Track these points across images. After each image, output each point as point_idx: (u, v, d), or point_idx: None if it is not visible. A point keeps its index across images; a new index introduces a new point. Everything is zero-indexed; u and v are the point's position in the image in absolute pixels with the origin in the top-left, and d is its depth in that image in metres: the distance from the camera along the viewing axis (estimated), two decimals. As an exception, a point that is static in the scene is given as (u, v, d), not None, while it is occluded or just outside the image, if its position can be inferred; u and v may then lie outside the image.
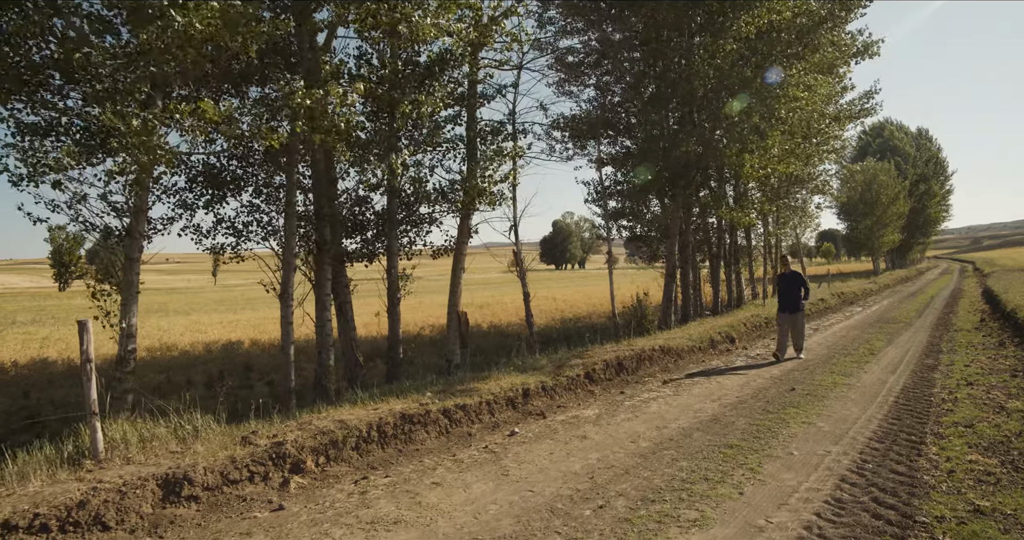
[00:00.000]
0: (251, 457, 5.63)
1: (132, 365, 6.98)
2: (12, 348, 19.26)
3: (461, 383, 8.71)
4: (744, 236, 23.46)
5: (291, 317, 8.40)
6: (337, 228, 9.51)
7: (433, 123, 10.06)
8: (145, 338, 18.53)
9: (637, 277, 34.29)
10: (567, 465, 6.07)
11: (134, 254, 6.96)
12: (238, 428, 6.54)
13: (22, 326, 28.13)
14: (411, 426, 6.91)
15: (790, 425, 7.13)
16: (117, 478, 5.06)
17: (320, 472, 5.92)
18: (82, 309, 40.39)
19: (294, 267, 8.49)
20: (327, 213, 9.18)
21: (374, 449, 6.47)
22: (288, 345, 8.37)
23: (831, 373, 10.18)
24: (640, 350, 11.13)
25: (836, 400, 8.31)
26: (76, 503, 4.61)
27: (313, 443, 6.05)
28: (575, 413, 8.17)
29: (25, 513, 4.42)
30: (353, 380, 9.42)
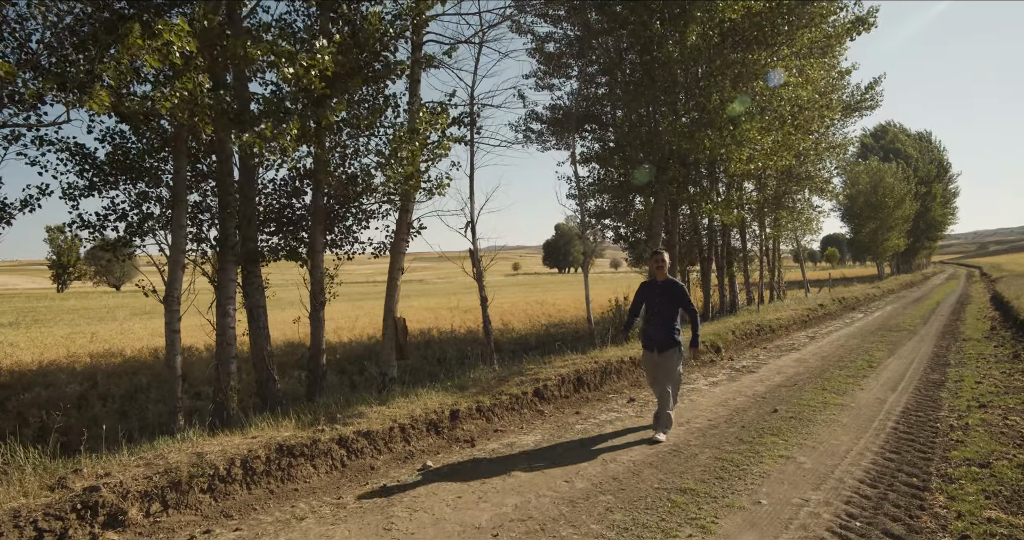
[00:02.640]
0: (46, 509, 4.31)
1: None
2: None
3: (382, 402, 7.39)
4: (739, 238, 22.10)
5: (177, 324, 7.10)
6: (250, 223, 8.21)
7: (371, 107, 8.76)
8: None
9: (625, 281, 32.92)
10: (472, 515, 4.75)
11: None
12: (66, 464, 5.23)
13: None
14: (292, 459, 5.58)
15: (764, 460, 5.78)
16: None
17: (150, 524, 4.60)
18: (74, 310, 39.29)
19: (183, 266, 7.19)
20: (232, 204, 7.88)
21: (236, 491, 5.15)
22: (173, 357, 7.06)
23: (822, 390, 8.82)
24: (606, 362, 9.78)
25: (824, 425, 6.96)
26: None
27: (143, 487, 4.73)
28: (511, 440, 6.84)
29: None
30: (266, 397, 8.10)
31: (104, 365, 13.59)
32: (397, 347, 9.13)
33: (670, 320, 6.83)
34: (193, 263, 7.79)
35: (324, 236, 8.88)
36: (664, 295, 6.88)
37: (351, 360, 13.26)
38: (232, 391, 7.47)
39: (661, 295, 6.89)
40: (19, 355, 15.90)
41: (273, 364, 8.26)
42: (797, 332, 16.49)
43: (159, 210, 7.97)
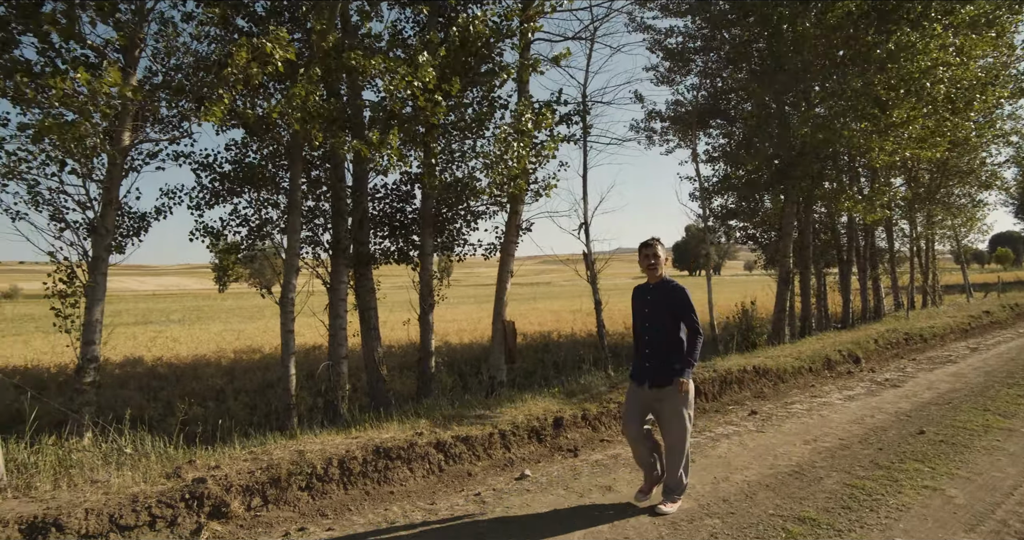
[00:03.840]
0: (159, 497, 4.57)
1: (93, 376, 6.24)
2: (130, 347, 20.03)
3: (486, 407, 7.31)
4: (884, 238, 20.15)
5: (291, 325, 7.41)
6: (361, 226, 8.45)
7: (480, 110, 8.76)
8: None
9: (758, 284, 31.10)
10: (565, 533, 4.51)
11: (100, 252, 6.26)
12: (186, 453, 5.56)
13: (161, 325, 29.76)
14: (388, 462, 5.60)
15: (904, 490, 5.07)
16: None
17: (250, 518, 4.76)
18: (229, 309, 43.19)
19: (297, 269, 7.51)
20: (345, 208, 8.15)
21: (333, 490, 5.23)
22: (287, 356, 7.38)
23: (983, 411, 7.71)
24: (726, 371, 9.15)
25: (984, 453, 6.04)
26: (-102, 553, 3.72)
27: (246, 481, 4.90)
28: (617, 451, 6.51)
29: None
30: (376, 397, 8.29)
31: (244, 361, 14.65)
32: (506, 351, 9.04)
33: (668, 340, 4.71)
34: (308, 266, 8.12)
35: (433, 239, 8.98)
36: (656, 303, 4.76)
37: (468, 362, 13.39)
38: (342, 391, 7.69)
39: (653, 304, 4.79)
40: (178, 349, 17.54)
41: (383, 365, 8.44)
42: (955, 342, 14.70)
43: (276, 215, 8.41)
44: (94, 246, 6.28)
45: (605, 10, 11.48)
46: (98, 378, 6.32)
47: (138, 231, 6.87)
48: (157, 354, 16.51)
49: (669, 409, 4.76)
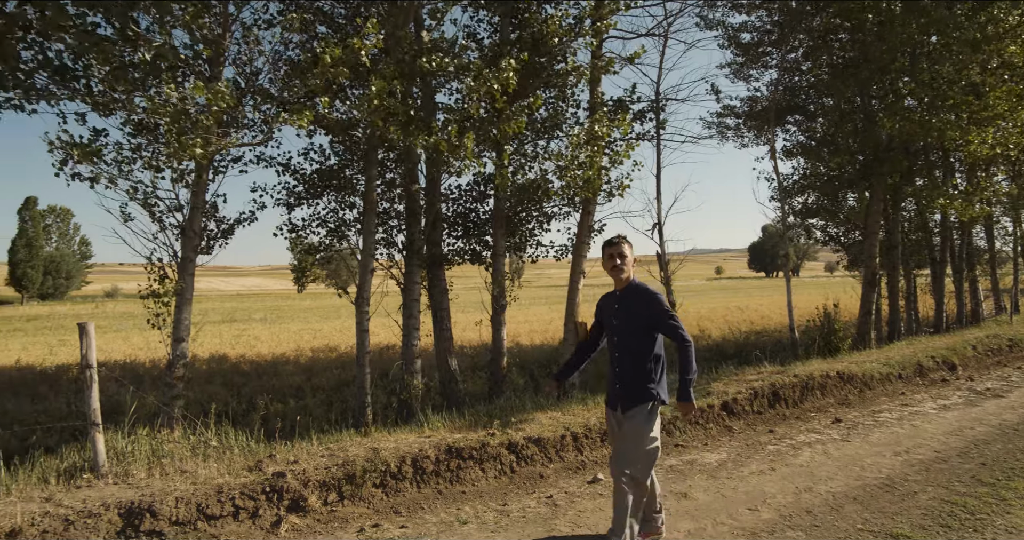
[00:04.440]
0: (242, 489, 4.74)
1: (182, 371, 6.56)
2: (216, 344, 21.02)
3: (558, 408, 7.25)
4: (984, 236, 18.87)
5: (366, 324, 7.57)
6: (434, 227, 8.57)
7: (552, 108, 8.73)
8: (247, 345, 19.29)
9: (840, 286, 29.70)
10: (637, 537, 4.39)
11: (188, 253, 6.58)
12: (266, 448, 5.75)
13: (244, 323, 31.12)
14: (461, 462, 5.63)
15: (1013, 510, 4.70)
16: (80, 502, 4.43)
17: (326, 512, 4.87)
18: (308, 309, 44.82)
19: (372, 269, 7.67)
20: (419, 210, 8.28)
21: (406, 488, 5.29)
22: (363, 355, 7.55)
23: (1099, 422, 7.10)
24: (807, 376, 8.76)
25: (1102, 470, 5.54)
26: (6, 533, 3.99)
27: (323, 476, 5.02)
28: (692, 457, 6.32)
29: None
30: (448, 397, 8.37)
31: (322, 359, 15.11)
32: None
33: (636, 356, 3.96)
34: (383, 267, 8.29)
35: (505, 240, 8.99)
36: (626, 314, 4.00)
37: (539, 363, 13.36)
38: (415, 390, 7.80)
39: (621, 314, 4.02)
40: (260, 347, 18.28)
41: (455, 365, 8.52)
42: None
43: (353, 217, 8.63)
44: (183, 247, 6.61)
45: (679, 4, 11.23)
46: (187, 374, 6.64)
47: (225, 233, 7.19)
48: (240, 351, 17.25)
49: (632, 433, 3.92)
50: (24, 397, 11.36)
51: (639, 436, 3.92)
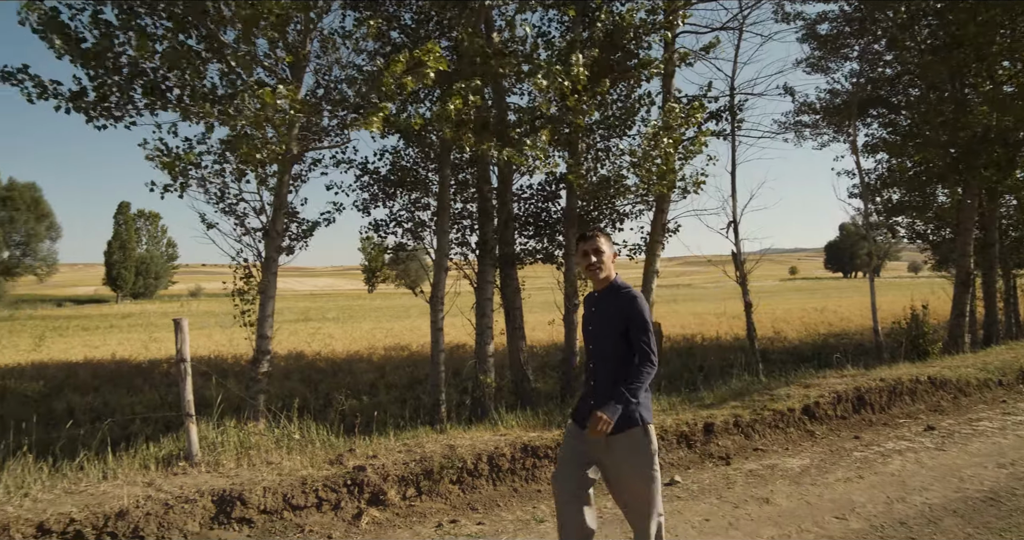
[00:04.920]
0: (325, 481, 4.88)
1: (266, 367, 6.81)
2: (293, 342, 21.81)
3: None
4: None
5: (441, 323, 7.68)
6: (507, 227, 8.61)
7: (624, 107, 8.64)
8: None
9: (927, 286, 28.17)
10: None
11: (271, 253, 6.83)
12: (346, 442, 5.91)
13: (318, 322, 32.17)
14: (536, 460, 5.63)
15: None
16: (177, 488, 4.66)
17: (405, 507, 4.96)
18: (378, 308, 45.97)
19: (446, 268, 7.78)
20: (492, 209, 8.34)
21: (482, 485, 5.33)
22: (437, 353, 7.66)
23: None
24: (895, 381, 8.34)
25: None
26: (116, 513, 4.24)
27: (402, 471, 5.12)
28: (773, 461, 6.12)
29: (61, 518, 4.15)
30: (521, 395, 8.40)
31: (394, 357, 15.43)
32: (651, 352, 8.80)
33: (619, 369, 3.31)
34: (456, 266, 8.39)
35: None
36: (603, 318, 3.41)
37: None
38: (488, 388, 7.86)
39: (598, 319, 3.43)
40: (334, 345, 18.83)
41: (528, 364, 8.53)
42: None
43: (428, 217, 8.78)
44: (266, 248, 6.88)
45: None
46: (271, 369, 6.91)
47: (305, 234, 7.45)
48: (316, 349, 17.82)
49: (626, 468, 3.29)
50: (122, 389, 12.07)
51: (638, 473, 3.25)
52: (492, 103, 8.10)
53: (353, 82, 6.65)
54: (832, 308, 28.40)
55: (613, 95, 8.57)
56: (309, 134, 6.77)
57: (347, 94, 6.79)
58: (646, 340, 3.24)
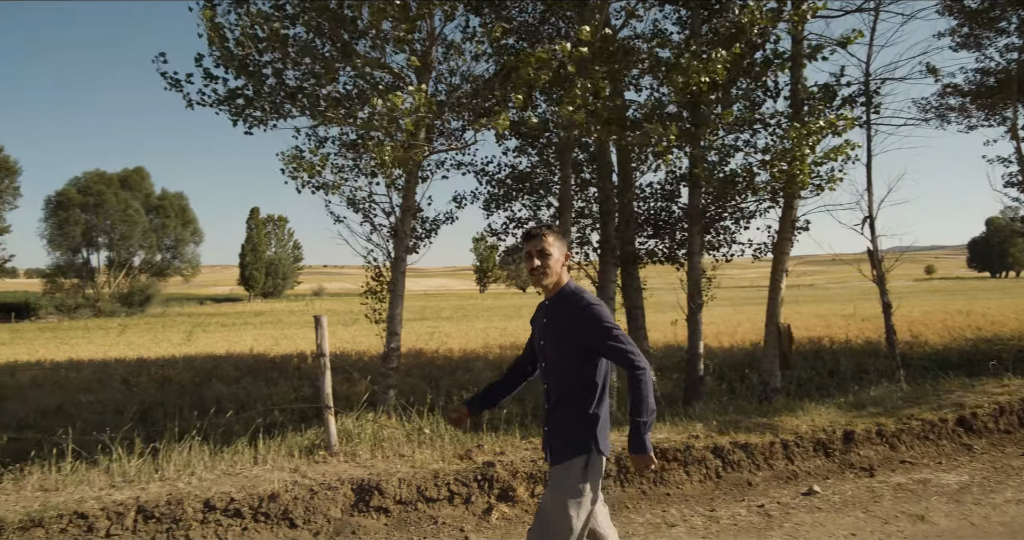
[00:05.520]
0: (456, 475, 5.00)
1: (395, 362, 7.07)
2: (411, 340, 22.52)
3: (762, 414, 6.86)
4: None
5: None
6: (628, 226, 8.49)
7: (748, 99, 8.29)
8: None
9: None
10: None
11: (400, 253, 7.09)
12: (473, 439, 6.03)
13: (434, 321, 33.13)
14: (664, 463, 5.50)
15: None
16: (320, 476, 4.93)
17: (534, 504, 4.98)
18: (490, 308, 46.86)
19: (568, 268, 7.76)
20: (613, 209, 8.25)
21: (609, 486, 5.28)
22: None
23: None
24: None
25: None
26: (268, 495, 4.54)
27: (529, 469, 5.16)
28: (924, 476, 5.66)
29: (223, 496, 4.50)
30: (642, 397, 8.24)
31: (509, 356, 15.62)
32: (780, 355, 8.42)
33: (567, 387, 2.91)
34: (577, 265, 8.36)
35: (701, 238, 8.68)
36: (552, 330, 2.96)
37: (731, 366, 12.76)
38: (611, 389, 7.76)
39: (548, 331, 2.98)
40: (451, 343, 19.33)
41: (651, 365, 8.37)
42: None
43: (548, 217, 8.80)
44: (395, 248, 7.17)
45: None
46: (399, 364, 7.18)
47: (429, 233, 7.70)
48: (434, 347, 18.36)
49: (551, 498, 2.83)
50: (260, 380, 12.97)
51: (561, 505, 2.76)
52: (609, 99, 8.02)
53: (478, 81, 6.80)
54: (979, 311, 25.90)
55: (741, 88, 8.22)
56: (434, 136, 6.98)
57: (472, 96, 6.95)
58: (622, 346, 2.74)
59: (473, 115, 7.15)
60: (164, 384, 12.77)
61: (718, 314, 27.04)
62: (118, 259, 57.05)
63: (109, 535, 4.20)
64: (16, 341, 24.11)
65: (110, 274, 56.57)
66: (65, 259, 54.20)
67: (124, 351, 19.28)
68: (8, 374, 13.93)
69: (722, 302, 43.85)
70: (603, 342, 2.77)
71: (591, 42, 6.05)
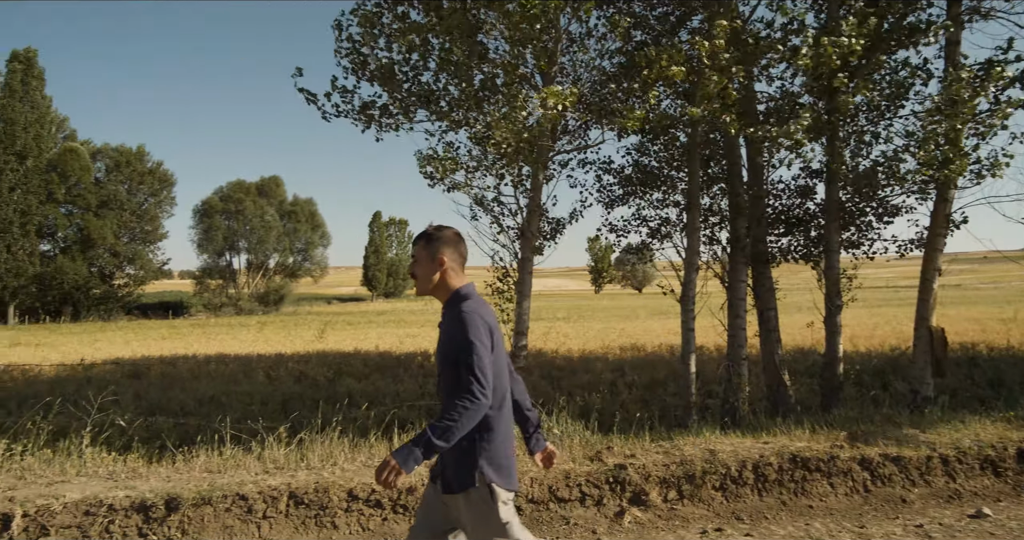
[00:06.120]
0: (587, 477, 4.97)
1: (523, 362, 7.13)
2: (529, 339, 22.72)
3: (914, 425, 6.34)
4: None
5: (692, 323, 7.44)
6: (759, 223, 8.10)
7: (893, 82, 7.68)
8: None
9: None
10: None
11: (527, 253, 7.15)
12: (602, 440, 5.97)
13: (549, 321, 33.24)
14: (806, 473, 5.20)
15: None
16: (454, 472, 5.05)
17: (667, 509, 4.87)
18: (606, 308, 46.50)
19: (697, 267, 7.52)
20: (743, 205, 7.90)
21: (746, 494, 5.06)
22: (688, 354, 7.43)
23: None
24: None
25: None
26: (406, 488, 4.71)
27: (663, 473, 5.04)
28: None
29: (365, 487, 4.72)
30: (776, 402, 7.84)
31: (629, 357, 15.39)
32: (933, 362, 7.75)
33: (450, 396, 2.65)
34: (705, 265, 8.10)
35: (839, 234, 8.14)
36: (439, 338, 2.80)
37: (870, 372, 11.88)
38: (742, 393, 7.47)
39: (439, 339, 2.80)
40: (569, 344, 19.31)
41: (784, 369, 7.96)
42: None
43: (675, 214, 8.59)
44: (522, 248, 7.25)
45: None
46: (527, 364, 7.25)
47: (554, 234, 7.73)
48: (552, 347, 18.41)
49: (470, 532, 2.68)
50: (387, 377, 13.53)
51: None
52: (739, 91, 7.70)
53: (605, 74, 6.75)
54: None
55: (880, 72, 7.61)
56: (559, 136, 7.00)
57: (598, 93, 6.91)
58: (469, 365, 2.50)
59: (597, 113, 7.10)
60: (300, 378, 13.61)
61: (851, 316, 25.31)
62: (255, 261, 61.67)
63: (265, 516, 4.52)
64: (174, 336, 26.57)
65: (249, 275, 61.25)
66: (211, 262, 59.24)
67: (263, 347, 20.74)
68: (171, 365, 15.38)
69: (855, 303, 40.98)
70: (460, 356, 2.54)
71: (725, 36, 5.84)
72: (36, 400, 8.28)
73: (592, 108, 7.25)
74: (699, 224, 7.68)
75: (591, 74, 7.58)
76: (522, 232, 7.25)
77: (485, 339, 2.56)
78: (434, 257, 2.75)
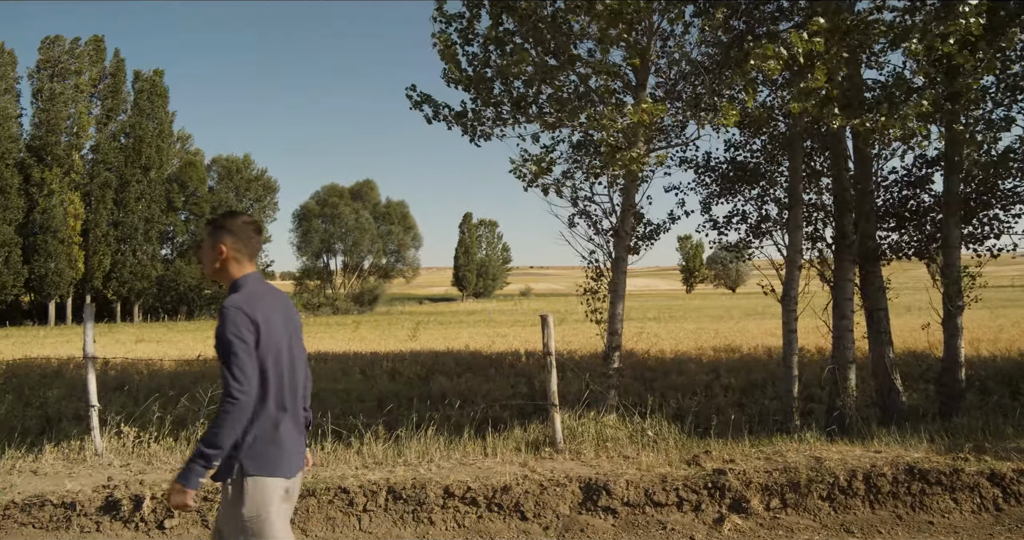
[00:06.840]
0: (684, 481, 4.83)
1: (616, 362, 7.04)
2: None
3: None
4: None
5: (794, 324, 7.10)
6: (867, 219, 7.63)
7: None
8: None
9: None
10: None
11: (621, 253, 7.04)
12: (698, 444, 5.80)
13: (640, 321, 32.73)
14: (925, 486, 4.84)
15: None
16: (548, 472, 5.04)
17: (769, 518, 4.66)
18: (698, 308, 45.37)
19: (799, 266, 7.17)
20: (850, 200, 7.47)
21: (857, 506, 4.76)
22: (790, 356, 7.09)
23: None
24: None
25: None
26: (501, 487, 4.74)
27: (764, 480, 4.83)
28: None
29: (460, 484, 4.78)
30: (887, 409, 7.36)
31: (724, 359, 14.91)
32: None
33: None
34: (808, 263, 7.72)
35: (960, 229, 7.54)
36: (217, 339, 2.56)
37: (995, 378, 10.96)
38: (849, 397, 7.06)
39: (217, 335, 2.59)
40: (661, 344, 18.93)
41: (896, 373, 7.46)
42: None
43: (776, 211, 8.23)
44: (615, 248, 7.15)
45: None
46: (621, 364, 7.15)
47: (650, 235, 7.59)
48: (643, 347, 18.08)
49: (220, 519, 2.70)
50: (479, 376, 13.70)
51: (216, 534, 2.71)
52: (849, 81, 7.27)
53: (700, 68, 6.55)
54: None
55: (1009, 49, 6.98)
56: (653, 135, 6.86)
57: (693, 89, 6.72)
58: (226, 363, 2.42)
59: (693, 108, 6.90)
60: (394, 376, 14.00)
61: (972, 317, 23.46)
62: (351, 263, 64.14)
63: (366, 510, 4.66)
64: (278, 334, 27.99)
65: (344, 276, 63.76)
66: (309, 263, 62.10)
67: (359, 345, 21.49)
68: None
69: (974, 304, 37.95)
70: (216, 350, 2.46)
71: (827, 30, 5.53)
72: (160, 392, 8.93)
73: (688, 102, 7.06)
74: (802, 221, 7.32)
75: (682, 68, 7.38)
76: (616, 232, 7.15)
77: (246, 334, 2.46)
78: (215, 245, 2.67)
